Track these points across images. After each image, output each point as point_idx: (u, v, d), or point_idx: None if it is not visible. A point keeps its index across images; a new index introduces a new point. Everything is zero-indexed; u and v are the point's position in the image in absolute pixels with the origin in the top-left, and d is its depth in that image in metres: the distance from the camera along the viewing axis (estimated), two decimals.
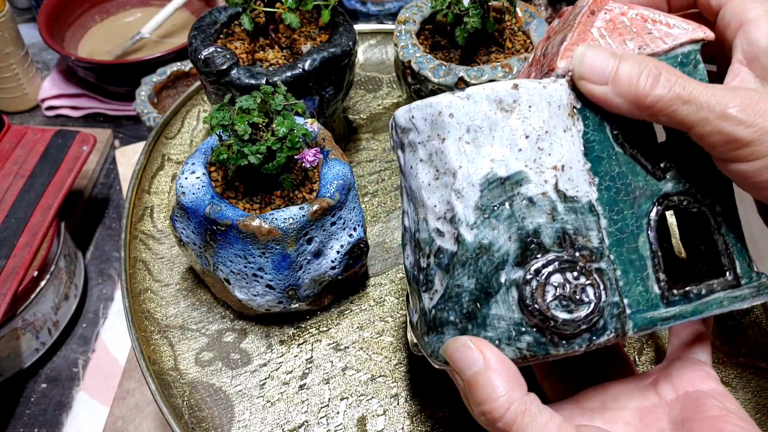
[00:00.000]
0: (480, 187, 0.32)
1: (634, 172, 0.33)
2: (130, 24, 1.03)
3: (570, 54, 0.34)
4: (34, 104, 0.98)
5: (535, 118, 0.33)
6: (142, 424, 0.66)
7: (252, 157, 0.42)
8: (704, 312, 0.34)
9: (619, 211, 0.33)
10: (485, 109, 0.33)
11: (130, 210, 0.56)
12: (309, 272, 0.46)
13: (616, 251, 0.33)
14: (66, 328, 0.73)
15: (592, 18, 0.34)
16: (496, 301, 0.32)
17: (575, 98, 0.33)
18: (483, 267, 0.32)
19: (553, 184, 0.32)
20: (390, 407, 0.45)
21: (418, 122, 0.34)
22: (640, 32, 0.34)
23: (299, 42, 0.54)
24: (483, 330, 0.32)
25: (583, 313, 0.31)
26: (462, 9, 0.51)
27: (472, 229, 0.32)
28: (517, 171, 0.32)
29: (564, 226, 0.32)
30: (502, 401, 0.29)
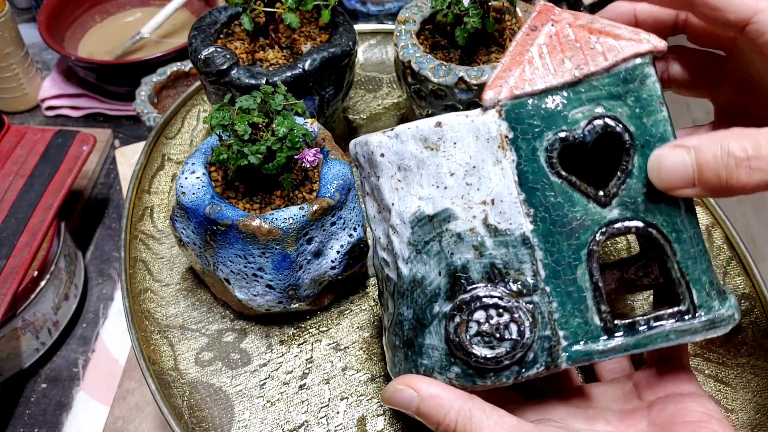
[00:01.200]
0: (410, 224, 0.33)
1: (572, 201, 0.32)
2: (130, 24, 1.03)
3: (499, 83, 0.32)
4: (34, 104, 0.98)
5: (461, 154, 0.32)
6: (142, 424, 0.66)
7: (252, 157, 0.42)
8: (647, 345, 0.32)
9: (556, 242, 0.32)
10: (412, 148, 0.33)
11: (130, 210, 0.56)
12: (309, 272, 0.46)
13: (553, 283, 0.32)
14: (66, 328, 0.73)
15: (533, 35, 0.33)
16: (429, 332, 0.32)
17: (507, 128, 0.32)
18: (418, 299, 0.33)
19: (481, 219, 0.32)
20: (390, 407, 0.45)
21: (360, 159, 0.35)
22: (583, 47, 0.32)
23: (299, 42, 0.54)
24: (420, 357, 0.33)
25: (504, 350, 0.31)
26: (462, 9, 0.51)
27: (407, 264, 0.33)
28: (443, 208, 0.32)
29: (493, 260, 0.32)
30: (450, 417, 0.31)
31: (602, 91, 0.32)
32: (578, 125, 0.32)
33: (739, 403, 0.45)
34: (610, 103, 0.32)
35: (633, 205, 0.32)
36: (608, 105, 0.32)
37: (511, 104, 0.32)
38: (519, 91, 0.32)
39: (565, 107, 0.32)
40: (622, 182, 0.32)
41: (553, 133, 0.32)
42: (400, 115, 0.64)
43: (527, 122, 0.32)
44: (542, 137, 0.32)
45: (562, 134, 0.32)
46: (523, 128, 0.32)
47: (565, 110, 0.32)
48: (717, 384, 0.46)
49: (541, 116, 0.32)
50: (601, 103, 0.32)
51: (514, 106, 0.32)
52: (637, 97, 0.32)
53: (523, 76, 0.32)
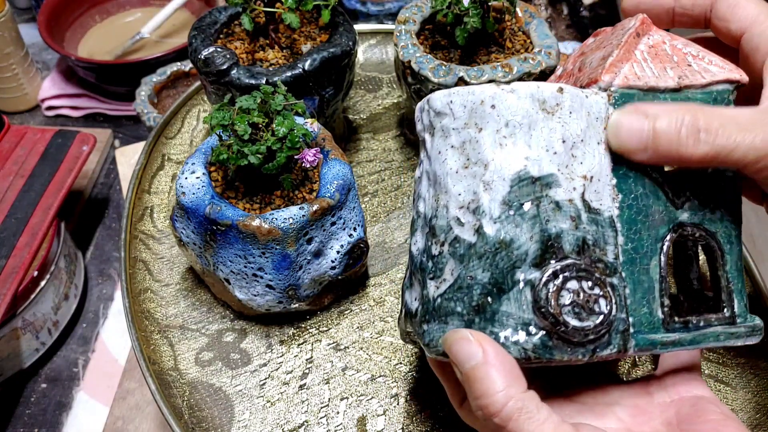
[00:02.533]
0: (510, 182, 0.32)
1: (656, 196, 0.34)
2: (130, 24, 1.03)
3: (615, 69, 0.34)
4: (34, 104, 0.98)
5: (574, 124, 0.33)
6: (142, 424, 0.66)
7: (252, 157, 0.42)
8: (701, 343, 0.34)
9: (637, 231, 0.33)
10: (528, 106, 0.33)
11: (130, 210, 0.56)
12: (309, 272, 0.46)
13: (629, 270, 0.33)
14: (66, 328, 0.73)
15: (637, 40, 0.35)
16: (508, 298, 0.32)
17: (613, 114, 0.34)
18: (500, 262, 0.32)
19: (580, 193, 0.32)
20: (390, 407, 0.45)
21: (456, 108, 0.34)
22: (681, 63, 0.35)
23: (299, 42, 0.54)
24: (490, 325, 0.32)
25: (593, 324, 0.31)
26: (462, 9, 0.51)
27: (495, 223, 0.32)
28: (549, 173, 0.32)
29: (585, 235, 0.32)
30: (499, 396, 0.29)
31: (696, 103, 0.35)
32: None
33: (739, 403, 0.45)
34: None
35: (701, 212, 0.35)
36: None
37: (621, 92, 0.34)
38: (630, 82, 0.34)
39: None
40: (692, 189, 0.35)
41: None
42: (400, 115, 0.64)
43: None
44: None
45: None
46: None
47: None
48: (717, 384, 0.46)
49: None
50: None
51: (623, 95, 0.34)
52: None
53: (632, 71, 0.34)
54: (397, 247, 0.54)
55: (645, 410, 0.34)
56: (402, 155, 0.61)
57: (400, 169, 0.60)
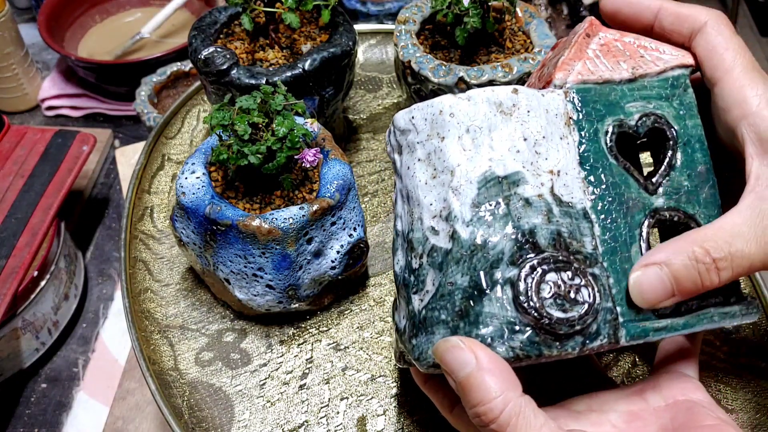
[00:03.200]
0: (478, 184, 0.33)
1: (627, 183, 0.34)
2: (130, 24, 1.03)
3: (567, 67, 0.35)
4: (34, 104, 0.98)
5: (534, 122, 0.33)
6: (142, 424, 0.66)
7: (252, 157, 0.42)
8: (695, 326, 0.34)
9: (613, 220, 0.34)
10: (485, 110, 0.33)
11: (130, 210, 0.56)
12: (309, 272, 0.46)
13: (609, 259, 0.33)
14: (66, 328, 0.73)
15: (588, 40, 0.36)
16: (489, 298, 0.31)
17: (572, 109, 0.34)
18: (477, 264, 0.32)
19: (549, 188, 0.33)
20: (390, 407, 0.45)
21: (418, 122, 0.35)
22: (633, 55, 0.36)
23: (299, 42, 0.54)
24: (475, 328, 0.32)
25: (578, 313, 0.31)
26: (462, 9, 0.51)
27: (467, 226, 0.32)
28: (514, 171, 0.33)
29: (559, 228, 0.32)
30: (497, 402, 0.29)
31: (652, 91, 0.36)
32: (632, 117, 0.35)
33: (739, 403, 0.45)
34: (659, 103, 0.36)
35: (676, 196, 0.35)
36: (657, 104, 0.36)
37: (577, 88, 0.35)
38: (584, 77, 0.35)
39: (622, 99, 0.35)
40: (667, 174, 0.35)
41: (612, 119, 0.35)
42: None
43: (591, 106, 0.35)
44: (603, 122, 0.35)
45: (619, 122, 0.35)
46: (587, 111, 0.35)
47: (622, 101, 0.35)
48: (717, 384, 0.46)
49: (602, 103, 0.35)
50: (652, 102, 0.36)
51: (579, 91, 0.35)
52: (681, 101, 0.36)
53: (585, 67, 0.35)
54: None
55: (640, 416, 0.34)
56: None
57: None
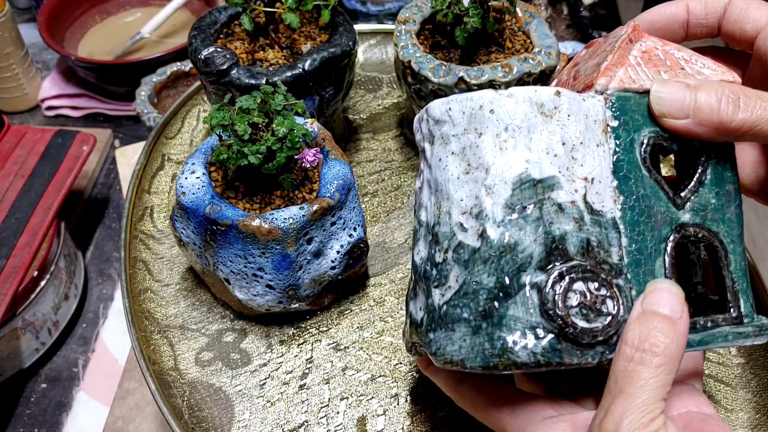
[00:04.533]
0: (512, 185, 0.32)
1: (658, 196, 0.34)
2: (130, 24, 1.03)
3: (610, 73, 0.35)
4: (34, 104, 0.98)
5: (573, 127, 0.33)
6: (142, 424, 0.66)
7: (252, 157, 0.42)
8: (710, 343, 0.34)
9: (640, 232, 0.33)
10: (526, 109, 0.33)
11: (130, 210, 0.56)
12: (309, 272, 0.46)
13: (633, 271, 0.33)
14: (66, 328, 0.73)
15: (630, 46, 0.36)
16: (515, 301, 0.31)
17: (610, 116, 0.34)
18: (505, 266, 0.32)
19: (582, 195, 0.32)
20: (390, 407, 0.45)
21: (455, 115, 0.34)
22: (674, 66, 0.35)
23: (299, 42, 0.54)
24: (498, 330, 0.31)
25: (602, 324, 0.31)
26: (462, 9, 0.51)
27: (498, 227, 0.32)
28: (550, 175, 0.32)
29: (589, 237, 0.32)
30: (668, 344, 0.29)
31: None
32: (668, 131, 0.35)
33: (739, 403, 0.45)
34: None
35: (702, 212, 0.35)
36: None
37: (617, 96, 0.34)
38: (626, 85, 0.34)
39: None
40: (696, 190, 0.35)
41: (649, 131, 0.34)
42: (400, 115, 0.64)
43: (630, 115, 0.34)
44: (640, 132, 0.34)
45: (656, 134, 0.34)
46: (625, 119, 0.34)
47: None
48: (717, 384, 0.46)
49: (641, 113, 0.34)
50: None
51: (619, 98, 0.34)
52: None
53: (627, 74, 0.35)
54: (397, 247, 0.54)
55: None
56: (402, 155, 0.61)
57: (400, 169, 0.60)
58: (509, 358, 0.31)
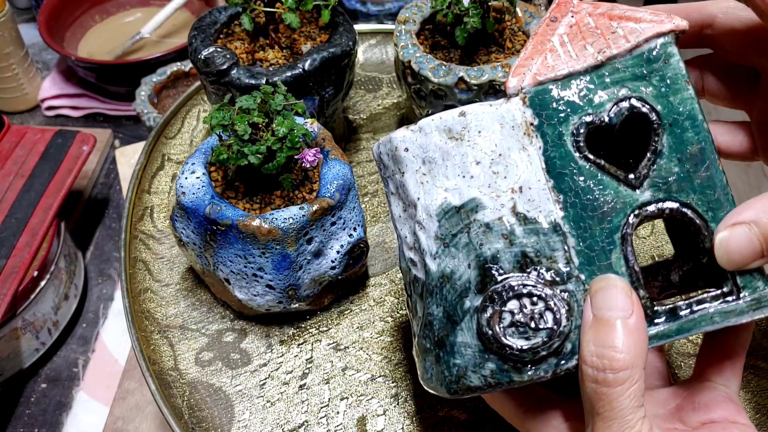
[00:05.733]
0: (437, 217, 0.32)
1: (603, 185, 0.32)
2: (130, 24, 1.03)
3: (522, 70, 0.32)
4: (34, 104, 0.98)
5: (486, 142, 0.32)
6: (142, 424, 0.66)
7: (252, 157, 0.42)
8: (691, 330, 0.31)
9: (588, 227, 0.31)
10: (436, 139, 0.33)
11: (130, 210, 0.56)
12: (309, 272, 0.46)
13: (588, 270, 0.31)
14: (66, 328, 0.73)
15: (553, 25, 0.33)
16: (461, 328, 0.32)
17: (532, 115, 0.32)
18: (447, 295, 0.32)
19: (510, 208, 0.31)
20: (390, 407, 0.45)
21: (384, 158, 0.35)
22: (604, 33, 0.32)
23: (299, 42, 0.54)
24: (452, 357, 0.32)
25: (540, 340, 0.30)
26: (462, 9, 0.51)
27: (435, 259, 0.32)
28: (470, 198, 0.32)
29: (524, 249, 0.31)
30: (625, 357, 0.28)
31: (626, 72, 0.32)
32: (603, 108, 0.32)
33: None
34: (635, 84, 0.32)
35: (665, 186, 0.32)
36: (633, 86, 0.32)
37: (535, 91, 0.32)
38: (542, 77, 0.32)
39: (589, 91, 0.32)
40: (652, 163, 0.32)
41: (578, 117, 0.32)
42: (400, 115, 0.64)
43: (552, 108, 0.32)
44: (568, 122, 0.32)
45: (587, 118, 0.32)
46: (548, 114, 0.32)
47: (589, 94, 0.32)
48: None
49: (565, 101, 0.32)
50: (626, 85, 0.32)
51: (537, 93, 0.32)
52: (662, 76, 0.32)
53: (545, 63, 0.32)
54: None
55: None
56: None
57: None
58: (464, 384, 0.32)
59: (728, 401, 0.34)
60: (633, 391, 0.28)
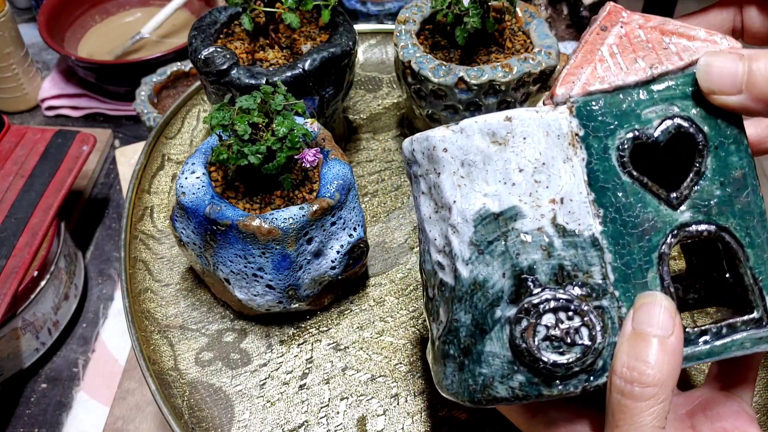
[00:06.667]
0: (473, 222, 0.31)
1: (644, 202, 0.31)
2: (130, 24, 1.03)
3: (572, 78, 0.32)
4: (34, 104, 0.98)
5: (531, 150, 0.31)
6: (142, 424, 0.66)
7: (252, 157, 0.42)
8: (721, 354, 0.31)
9: (626, 244, 0.31)
10: (478, 142, 0.31)
11: (130, 210, 0.56)
12: (309, 272, 0.46)
13: (622, 287, 0.31)
14: (66, 328, 0.73)
15: (603, 35, 0.32)
16: (490, 338, 0.31)
17: (578, 125, 0.31)
18: (478, 303, 0.31)
19: (550, 219, 0.31)
20: (390, 407, 0.45)
21: (418, 155, 0.34)
22: (655, 47, 0.32)
23: (299, 42, 0.54)
24: (478, 366, 0.31)
25: (575, 356, 0.30)
26: (462, 9, 0.51)
27: (467, 265, 0.32)
28: (510, 206, 0.31)
29: (561, 262, 0.31)
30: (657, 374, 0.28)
31: (676, 90, 0.31)
32: (651, 125, 0.31)
33: None
34: (684, 103, 0.31)
35: (705, 208, 0.31)
36: (682, 105, 0.31)
37: (583, 101, 0.31)
38: (592, 87, 0.31)
39: (637, 106, 0.31)
40: (694, 184, 0.31)
41: (625, 132, 0.31)
42: (400, 115, 0.64)
43: (599, 120, 0.31)
44: (614, 135, 0.31)
45: (634, 133, 0.31)
46: (595, 126, 0.31)
47: (637, 109, 0.31)
48: None
49: (613, 114, 0.31)
50: (675, 103, 0.31)
51: (585, 103, 0.31)
52: None
53: (595, 73, 0.31)
54: (397, 247, 0.54)
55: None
56: (402, 155, 0.61)
57: (400, 169, 0.60)
58: (490, 394, 0.31)
59: (741, 411, 0.33)
60: (657, 410, 0.28)
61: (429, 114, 0.54)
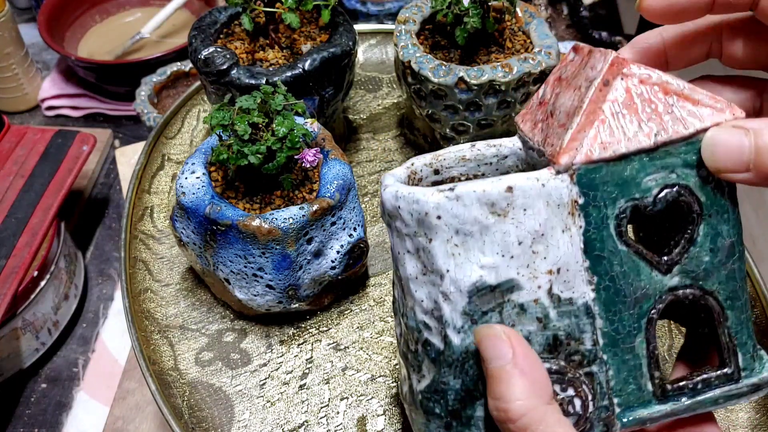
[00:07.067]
0: (468, 293, 0.30)
1: (637, 270, 0.31)
2: (130, 24, 1.03)
3: (575, 145, 0.30)
4: (34, 104, 0.98)
5: (531, 222, 0.30)
6: (142, 424, 0.66)
7: (252, 157, 0.42)
8: (698, 409, 0.33)
9: (617, 311, 0.31)
10: (476, 213, 0.30)
11: (130, 210, 0.56)
12: (309, 272, 0.46)
13: (611, 351, 0.31)
14: (66, 328, 0.73)
15: (605, 90, 0.30)
16: (481, 403, 0.31)
17: (578, 193, 0.31)
18: (469, 370, 0.31)
19: (546, 290, 0.30)
20: (390, 407, 0.45)
21: (404, 214, 0.32)
22: (660, 112, 0.31)
23: (299, 42, 0.54)
24: (467, 429, 0.32)
25: None
26: (462, 9, 0.51)
27: (459, 333, 0.31)
28: (507, 279, 0.30)
29: (556, 333, 0.31)
30: (519, 405, 0.28)
31: (677, 158, 0.31)
32: (650, 193, 0.31)
33: None
34: (684, 171, 0.31)
35: (693, 273, 0.32)
36: (682, 173, 0.31)
37: (585, 169, 0.30)
38: (594, 156, 0.30)
39: (638, 173, 0.31)
40: (685, 251, 0.32)
41: (625, 201, 0.31)
42: (400, 115, 0.64)
43: (601, 189, 0.31)
44: (614, 205, 0.31)
45: (633, 202, 0.31)
46: (594, 194, 0.31)
47: (638, 177, 0.31)
48: None
49: (615, 183, 0.31)
50: (675, 171, 0.31)
51: (587, 171, 0.31)
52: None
53: (597, 138, 0.31)
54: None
55: None
56: (402, 155, 0.61)
57: None
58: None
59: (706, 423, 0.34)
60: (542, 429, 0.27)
61: (429, 114, 0.54)
